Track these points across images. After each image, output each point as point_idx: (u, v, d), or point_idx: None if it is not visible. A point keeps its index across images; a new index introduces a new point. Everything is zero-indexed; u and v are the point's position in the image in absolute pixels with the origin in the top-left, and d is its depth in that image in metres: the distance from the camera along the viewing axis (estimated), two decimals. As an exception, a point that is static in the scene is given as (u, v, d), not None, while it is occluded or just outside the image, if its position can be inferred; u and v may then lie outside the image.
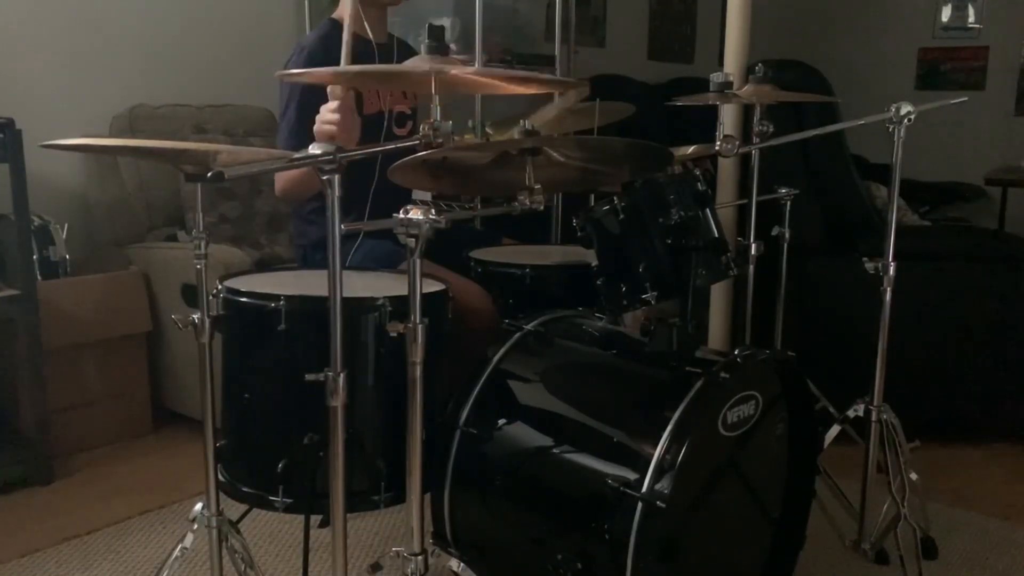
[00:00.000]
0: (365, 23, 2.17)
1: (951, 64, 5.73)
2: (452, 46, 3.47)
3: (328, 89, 1.77)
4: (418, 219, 1.28)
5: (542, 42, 4.42)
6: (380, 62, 2.11)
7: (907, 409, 2.10)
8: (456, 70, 1.37)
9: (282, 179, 2.07)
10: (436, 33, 1.40)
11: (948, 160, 5.22)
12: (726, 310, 2.75)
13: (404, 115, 2.26)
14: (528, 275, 1.97)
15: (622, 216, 1.73)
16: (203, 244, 1.50)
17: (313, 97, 1.93)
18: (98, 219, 3.08)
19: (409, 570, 1.43)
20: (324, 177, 1.24)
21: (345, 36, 1.73)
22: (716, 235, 1.75)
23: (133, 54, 3.20)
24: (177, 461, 2.72)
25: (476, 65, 3.10)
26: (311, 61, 2.08)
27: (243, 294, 1.62)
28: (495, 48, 3.78)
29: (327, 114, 1.78)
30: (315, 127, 1.80)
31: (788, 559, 1.77)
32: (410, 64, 1.43)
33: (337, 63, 1.76)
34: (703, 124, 2.25)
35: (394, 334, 1.36)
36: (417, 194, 2.34)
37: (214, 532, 1.59)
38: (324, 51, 2.08)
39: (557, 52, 3.87)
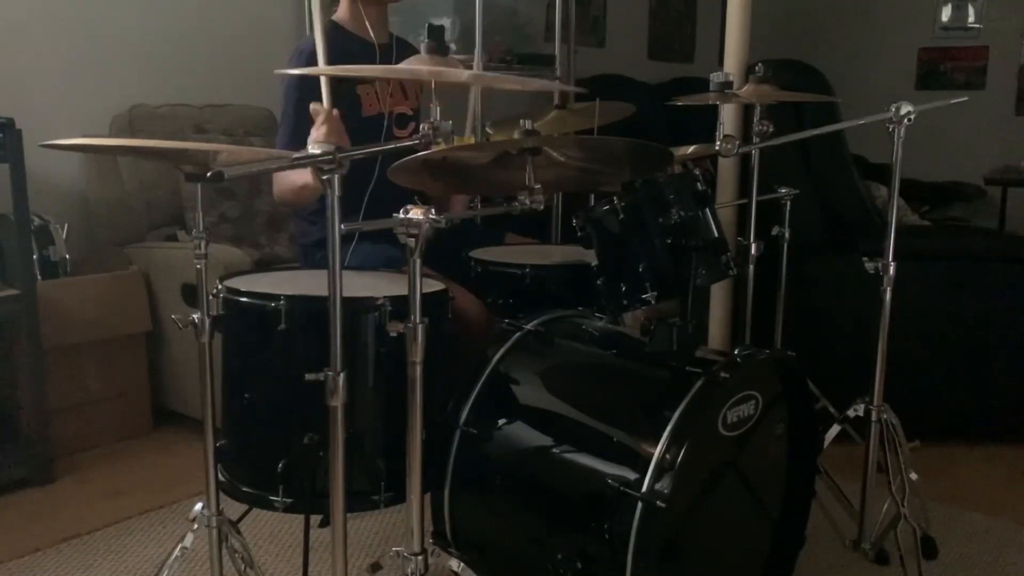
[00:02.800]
0: (366, 23, 2.17)
1: (951, 64, 5.73)
2: (452, 46, 3.47)
3: (311, 107, 1.77)
4: (418, 219, 1.29)
5: (542, 42, 4.43)
6: (380, 63, 2.11)
7: (907, 409, 2.10)
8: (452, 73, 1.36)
9: (279, 185, 2.07)
10: (436, 33, 1.40)
11: (948, 160, 5.22)
12: (726, 310, 2.75)
13: (405, 116, 2.26)
14: (528, 275, 1.97)
15: (622, 216, 1.73)
16: (203, 244, 1.50)
17: (312, 100, 1.93)
18: (98, 219, 3.08)
19: (409, 570, 1.43)
20: (324, 177, 1.24)
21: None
22: (716, 235, 1.75)
23: (133, 54, 3.20)
24: (177, 461, 2.72)
25: (476, 65, 3.11)
26: (311, 63, 2.07)
27: (243, 294, 1.62)
28: (495, 48, 3.79)
29: (315, 133, 1.79)
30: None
31: (788, 559, 1.77)
32: (406, 65, 1.43)
33: (336, 64, 1.75)
34: (703, 124, 2.25)
35: (394, 334, 1.36)
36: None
37: (214, 532, 1.59)
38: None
39: (557, 52, 3.88)
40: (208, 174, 1.16)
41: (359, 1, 2.16)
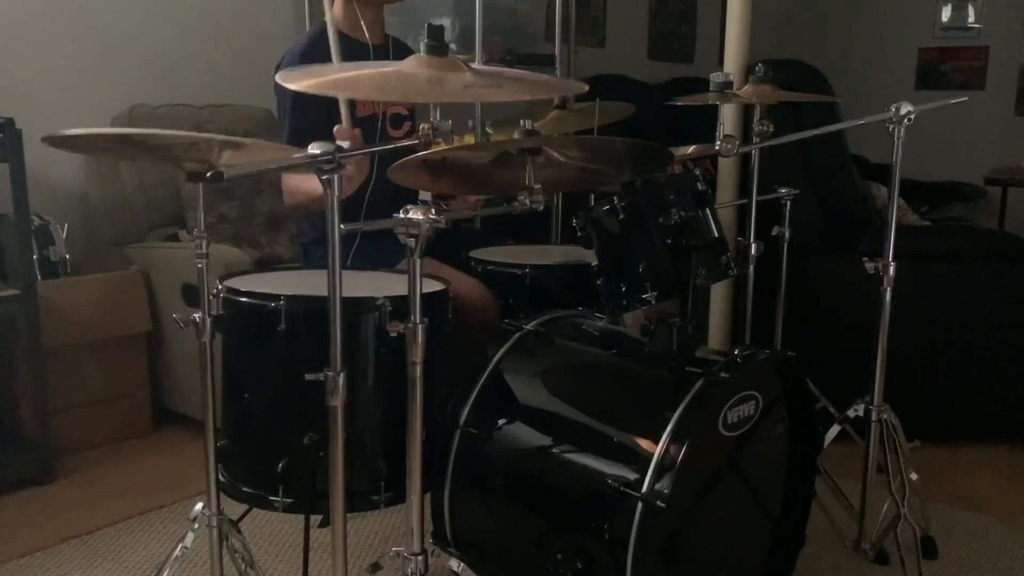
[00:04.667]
0: (362, 24, 2.16)
1: (951, 64, 5.73)
2: (452, 46, 3.47)
3: (335, 130, 1.79)
4: (418, 219, 1.29)
5: (542, 42, 4.43)
6: None
7: (907, 409, 2.10)
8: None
9: (293, 193, 2.07)
10: (436, 33, 1.39)
11: (948, 160, 5.22)
12: (726, 310, 2.75)
13: (400, 116, 2.25)
14: (528, 275, 1.97)
15: (622, 216, 1.73)
16: (204, 244, 1.50)
17: (306, 98, 1.94)
18: (98, 219, 3.08)
19: (409, 570, 1.43)
20: (324, 177, 1.24)
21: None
22: (716, 235, 1.75)
23: (133, 54, 3.20)
24: (177, 461, 2.72)
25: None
26: (303, 62, 2.06)
27: (243, 294, 1.62)
28: (495, 48, 3.79)
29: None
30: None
31: (788, 559, 1.77)
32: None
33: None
34: (703, 124, 2.25)
35: (394, 334, 1.36)
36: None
37: (214, 532, 1.59)
38: (315, 55, 2.07)
39: (557, 52, 3.88)
40: (208, 174, 1.16)
41: (355, 2, 2.15)
